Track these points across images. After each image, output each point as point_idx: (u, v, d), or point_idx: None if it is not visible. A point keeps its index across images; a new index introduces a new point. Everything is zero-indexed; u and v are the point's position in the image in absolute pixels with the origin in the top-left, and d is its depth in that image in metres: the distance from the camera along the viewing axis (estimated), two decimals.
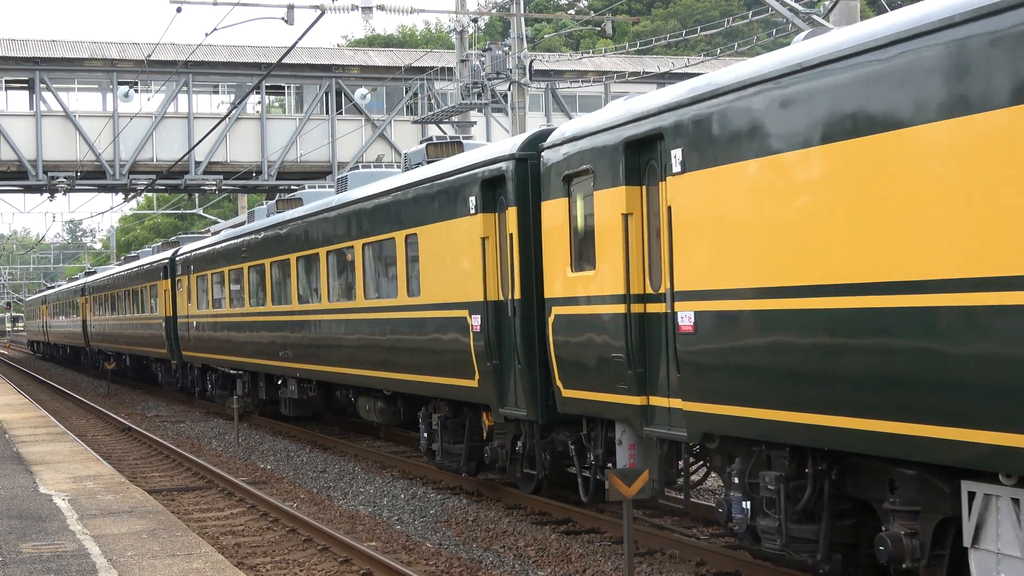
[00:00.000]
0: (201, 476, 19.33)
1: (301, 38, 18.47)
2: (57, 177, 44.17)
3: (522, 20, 34.40)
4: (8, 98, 46.10)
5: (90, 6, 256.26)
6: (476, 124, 42.27)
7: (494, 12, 41.22)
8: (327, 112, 47.71)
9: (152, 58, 43.17)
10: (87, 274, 57.69)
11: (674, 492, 12.78)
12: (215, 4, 28.88)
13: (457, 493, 16.50)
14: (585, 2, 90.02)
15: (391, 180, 17.34)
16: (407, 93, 48.15)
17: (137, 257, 43.50)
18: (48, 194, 46.26)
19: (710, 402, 9.84)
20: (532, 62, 34.73)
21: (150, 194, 69.12)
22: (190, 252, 30.77)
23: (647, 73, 42.91)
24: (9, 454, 18.72)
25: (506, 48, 35.03)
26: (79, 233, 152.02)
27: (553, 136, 12.65)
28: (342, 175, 20.90)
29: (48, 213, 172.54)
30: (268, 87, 48.07)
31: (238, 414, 24.11)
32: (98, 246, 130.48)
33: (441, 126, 42.48)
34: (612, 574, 11.59)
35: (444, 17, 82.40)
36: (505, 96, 36.39)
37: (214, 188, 47.08)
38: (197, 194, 54.29)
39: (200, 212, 60.85)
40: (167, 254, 34.30)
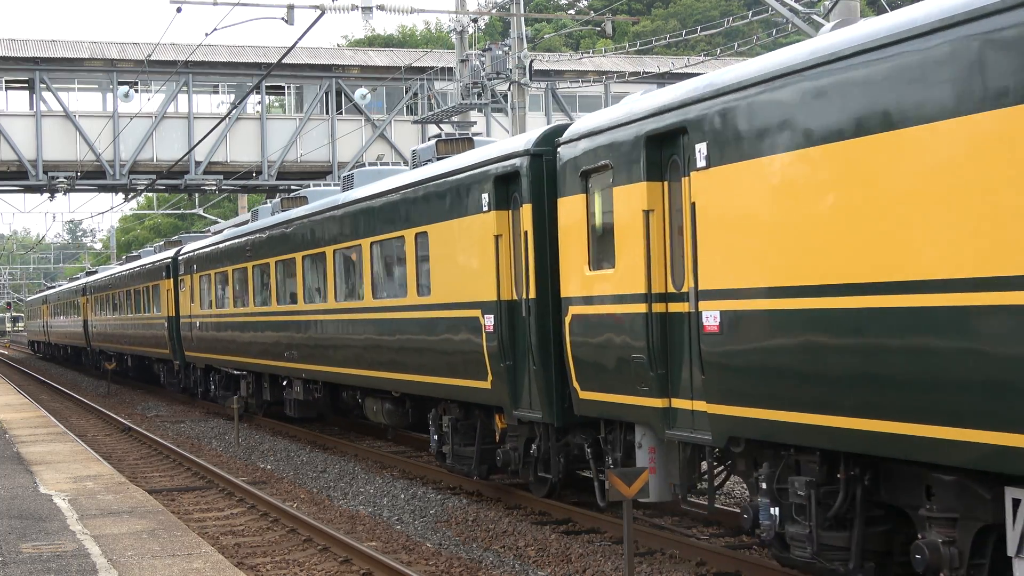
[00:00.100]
0: (201, 476, 19.33)
1: (301, 38, 18.47)
2: (57, 177, 44.16)
3: (522, 20, 34.39)
4: (8, 98, 46.19)
5: (90, 6, 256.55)
6: (476, 124, 42.22)
7: (494, 12, 41.19)
8: (327, 112, 47.71)
9: (152, 58, 43.17)
10: (88, 274, 57.52)
11: (692, 497, 12.51)
12: (215, 4, 28.88)
13: (457, 493, 16.50)
14: (585, 2, 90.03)
15: (400, 177, 17.02)
16: (407, 93, 48.16)
17: (139, 256, 43.25)
18: (48, 194, 46.25)
19: (737, 404, 9.50)
20: (532, 62, 34.73)
21: (150, 194, 69.11)
22: (193, 251, 30.47)
23: (647, 73, 42.91)
24: (9, 454, 18.72)
25: (506, 48, 35.01)
26: (79, 233, 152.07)
27: (570, 131, 12.28)
28: (348, 173, 20.63)
29: (48, 213, 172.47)
30: (268, 87, 48.07)
31: (238, 414, 24.09)
32: (98, 246, 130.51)
33: (441, 126, 42.44)
34: (612, 574, 11.58)
35: (444, 17, 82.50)
36: (505, 96, 36.38)
37: (214, 188, 47.07)
38: (197, 194, 54.28)
39: (200, 212, 60.83)
40: (169, 253, 33.99)
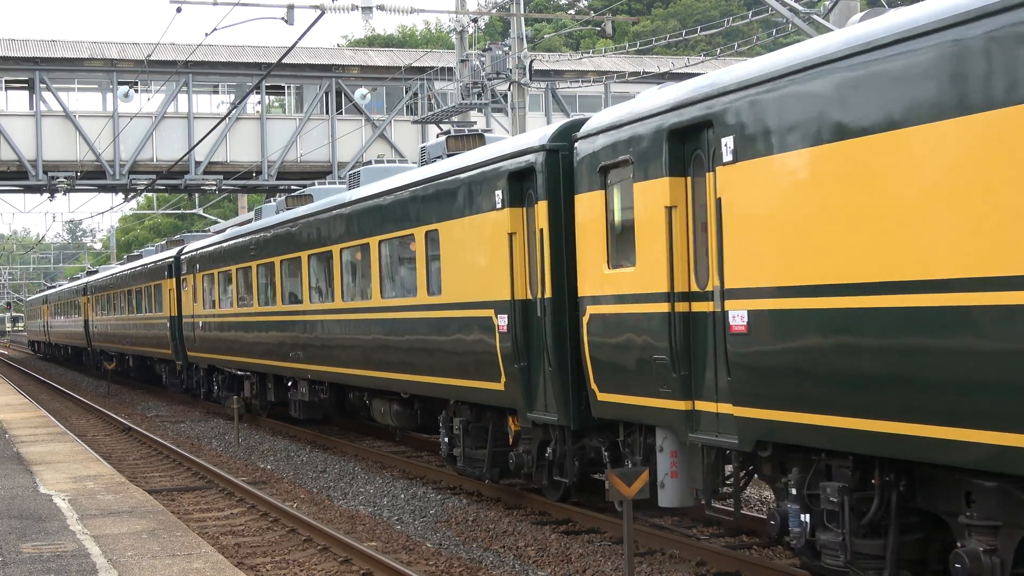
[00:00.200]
0: (201, 476, 19.33)
1: (301, 38, 18.47)
2: (57, 177, 44.14)
3: (522, 20, 34.40)
4: (8, 98, 46.15)
5: (90, 6, 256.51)
6: (476, 124, 42.17)
7: (494, 12, 41.20)
8: (327, 112, 47.70)
9: (152, 58, 43.16)
10: (89, 273, 57.43)
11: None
12: (215, 4, 28.88)
13: (457, 493, 16.50)
14: (585, 2, 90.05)
15: (410, 174, 16.75)
16: (407, 93, 48.15)
17: (140, 256, 43.03)
18: (48, 194, 46.24)
19: (765, 407, 9.18)
20: (532, 62, 34.73)
21: (150, 194, 69.11)
22: (196, 250, 30.14)
23: (647, 73, 42.89)
24: (9, 454, 18.72)
25: (506, 48, 35.00)
26: (79, 233, 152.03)
27: (588, 125, 11.95)
28: (354, 171, 20.34)
29: (48, 213, 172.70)
30: (268, 87, 48.06)
31: (238, 414, 24.08)
32: (98, 246, 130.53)
33: (441, 126, 42.42)
34: (612, 574, 11.58)
35: (444, 17, 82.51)
36: (505, 96, 36.39)
37: (214, 188, 47.06)
38: (197, 194, 54.27)
39: (200, 212, 60.84)
40: (172, 253, 33.69)
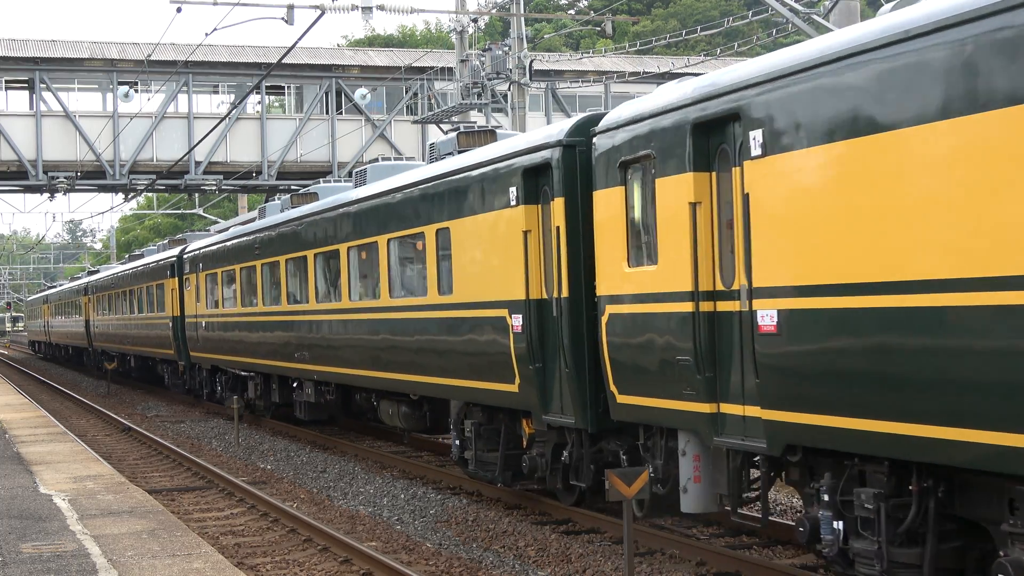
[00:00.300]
0: (201, 476, 19.33)
1: (301, 38, 18.47)
2: (57, 177, 44.15)
3: (522, 20, 34.41)
4: (8, 98, 46.16)
5: (90, 6, 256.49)
6: (475, 124, 42.19)
7: (494, 12, 41.22)
8: (327, 112, 47.70)
9: (152, 58, 43.16)
10: (90, 273, 57.34)
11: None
12: (215, 4, 28.89)
13: (457, 493, 16.50)
14: (585, 2, 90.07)
15: (419, 171, 16.46)
16: (407, 93, 48.15)
17: (142, 255, 42.80)
18: (48, 194, 46.25)
19: (796, 410, 8.85)
20: (532, 62, 34.75)
21: (150, 194, 69.13)
22: (199, 249, 29.81)
23: (647, 73, 42.91)
24: (9, 454, 18.72)
25: (506, 48, 35.02)
26: (79, 233, 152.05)
27: (607, 119, 11.64)
28: (360, 168, 20.07)
29: (48, 213, 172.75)
30: (268, 87, 48.06)
31: (239, 414, 24.08)
32: (98, 246, 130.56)
33: (441, 126, 42.43)
34: (612, 574, 11.58)
35: (444, 17, 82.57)
36: (505, 96, 36.39)
37: (214, 188, 47.06)
38: (197, 194, 54.28)
39: (200, 212, 60.86)
40: (174, 252, 33.37)
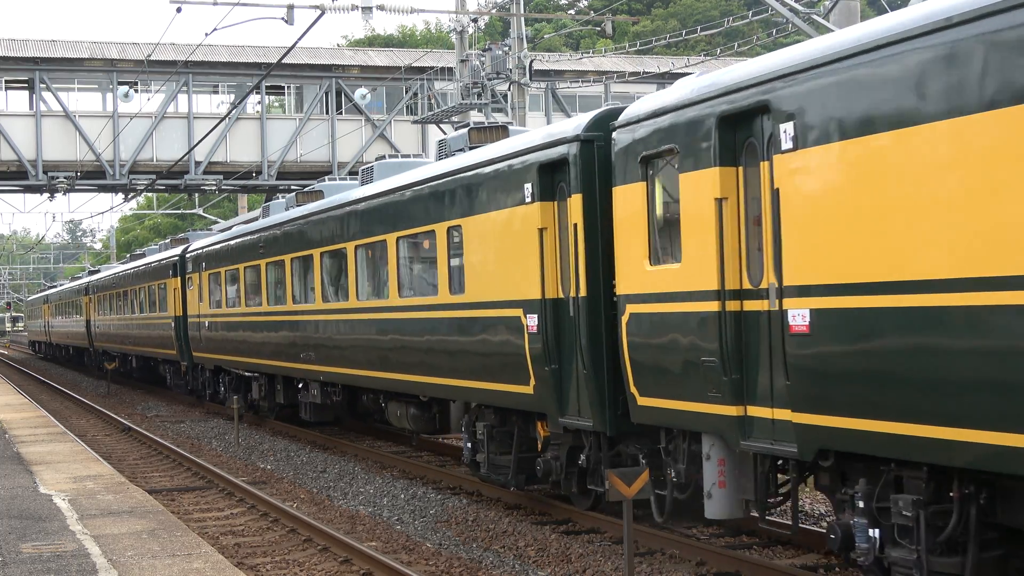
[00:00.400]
0: (201, 476, 19.33)
1: (301, 38, 18.47)
2: (57, 177, 44.15)
3: (522, 20, 34.42)
4: (8, 98, 46.16)
5: (90, 6, 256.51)
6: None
7: (494, 12, 41.23)
8: (327, 112, 47.71)
9: (152, 58, 43.16)
10: (91, 273, 57.26)
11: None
12: (215, 4, 28.89)
13: (457, 493, 16.50)
14: (585, 2, 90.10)
15: (430, 168, 16.16)
16: (407, 93, 48.16)
17: (143, 255, 42.63)
18: (48, 194, 46.25)
19: (829, 413, 8.55)
20: (532, 62, 34.76)
21: (150, 194, 69.13)
22: (202, 248, 29.53)
23: (647, 73, 42.93)
24: (9, 454, 18.72)
25: (506, 48, 35.03)
26: (79, 233, 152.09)
27: (627, 113, 11.31)
28: (367, 166, 19.84)
29: (48, 213, 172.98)
30: (268, 87, 48.06)
31: (238, 414, 24.07)
32: (98, 246, 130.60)
33: (441, 126, 42.44)
34: (612, 574, 11.58)
35: (444, 17, 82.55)
36: (505, 96, 36.39)
37: (214, 188, 47.06)
38: (197, 194, 54.28)
39: (200, 212, 60.87)
40: (177, 251, 33.12)
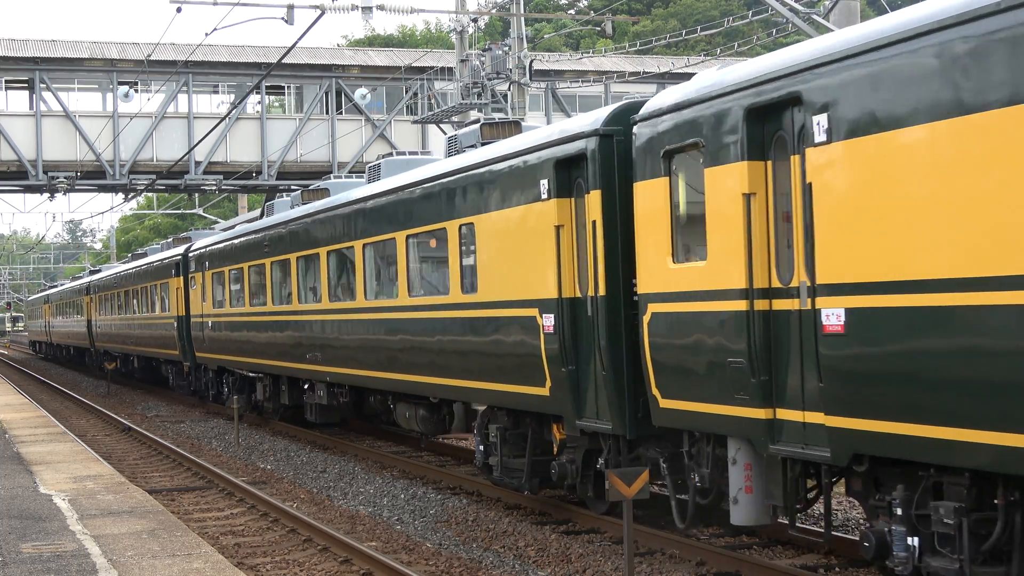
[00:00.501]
0: (201, 476, 19.33)
1: (301, 38, 18.47)
2: (57, 177, 44.13)
3: (522, 20, 34.42)
4: (8, 98, 46.13)
5: (90, 6, 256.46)
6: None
7: (494, 12, 41.22)
8: (327, 112, 47.70)
9: (152, 58, 43.15)
10: (92, 272, 57.18)
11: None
12: (215, 4, 28.89)
13: (457, 493, 16.51)
14: (585, 2, 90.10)
15: (440, 164, 15.86)
16: (407, 93, 48.15)
17: (145, 254, 42.50)
18: (48, 194, 46.24)
19: (865, 416, 8.24)
20: (532, 62, 34.78)
21: (150, 194, 69.14)
22: (205, 248, 29.32)
23: (647, 73, 42.93)
24: (9, 454, 18.72)
25: (506, 48, 35.04)
26: (79, 233, 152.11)
27: (649, 106, 10.99)
28: (374, 163, 19.64)
29: (48, 213, 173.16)
30: (268, 87, 48.05)
31: (238, 414, 24.07)
32: (98, 246, 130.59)
33: (441, 126, 42.44)
34: (612, 574, 11.58)
35: (444, 17, 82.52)
36: (505, 96, 36.39)
37: (214, 188, 47.05)
38: (197, 194, 54.28)
39: (200, 212, 60.87)
40: (179, 250, 32.89)
